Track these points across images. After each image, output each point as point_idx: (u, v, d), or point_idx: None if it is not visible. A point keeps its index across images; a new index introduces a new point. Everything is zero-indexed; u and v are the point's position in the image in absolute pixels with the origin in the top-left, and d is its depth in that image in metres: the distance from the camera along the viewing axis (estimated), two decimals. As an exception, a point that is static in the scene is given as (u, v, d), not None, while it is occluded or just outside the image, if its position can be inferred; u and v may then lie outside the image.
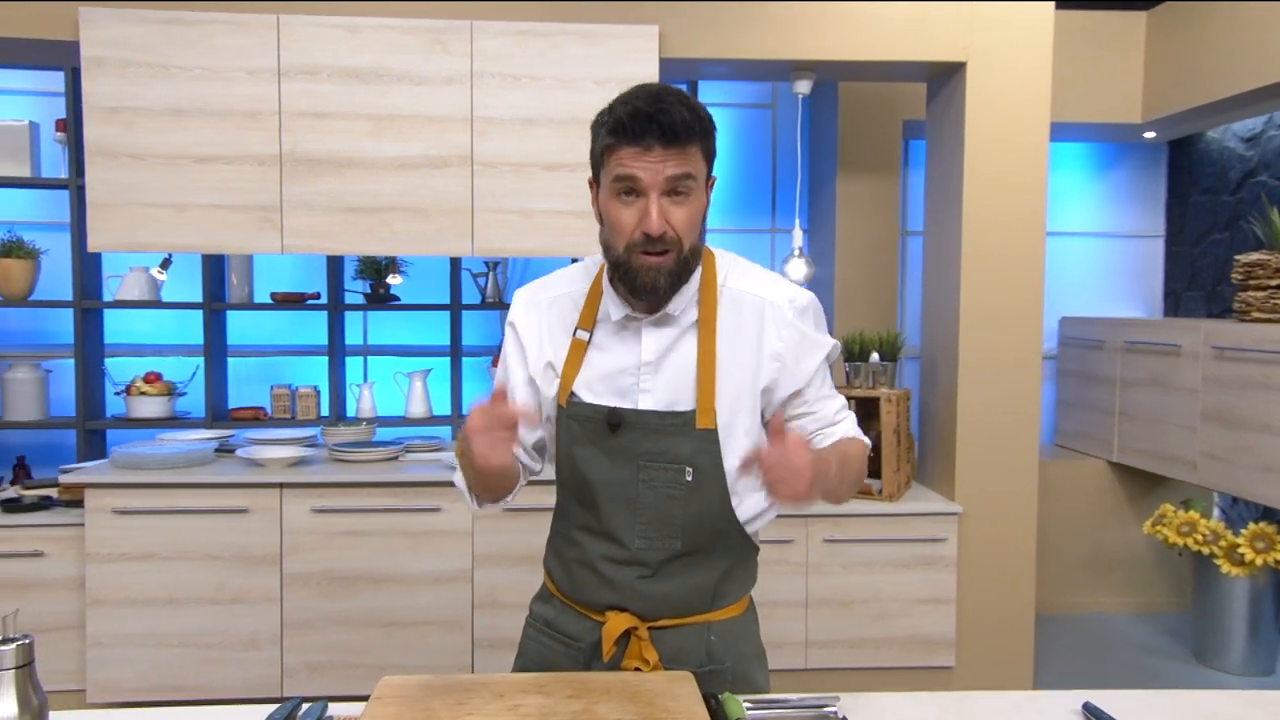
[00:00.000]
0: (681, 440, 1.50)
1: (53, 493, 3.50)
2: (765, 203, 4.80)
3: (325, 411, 4.39)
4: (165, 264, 4.07)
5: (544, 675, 1.53)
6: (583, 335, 1.56)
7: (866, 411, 3.78)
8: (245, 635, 3.31)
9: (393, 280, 4.28)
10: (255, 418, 4.36)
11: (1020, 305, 3.55)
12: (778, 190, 4.82)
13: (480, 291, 4.44)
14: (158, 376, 4.33)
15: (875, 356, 3.73)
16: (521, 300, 1.64)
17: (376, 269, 4.36)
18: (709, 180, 1.51)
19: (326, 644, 3.34)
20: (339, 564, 3.33)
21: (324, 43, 3.32)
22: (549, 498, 2.74)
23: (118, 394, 4.32)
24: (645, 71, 3.39)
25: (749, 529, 1.59)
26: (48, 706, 1.21)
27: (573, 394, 1.54)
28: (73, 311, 4.23)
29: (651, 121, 1.39)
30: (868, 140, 4.45)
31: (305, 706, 1.48)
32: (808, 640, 3.54)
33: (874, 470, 3.77)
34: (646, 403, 1.52)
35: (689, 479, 1.50)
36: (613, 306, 1.54)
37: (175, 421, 4.28)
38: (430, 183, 3.37)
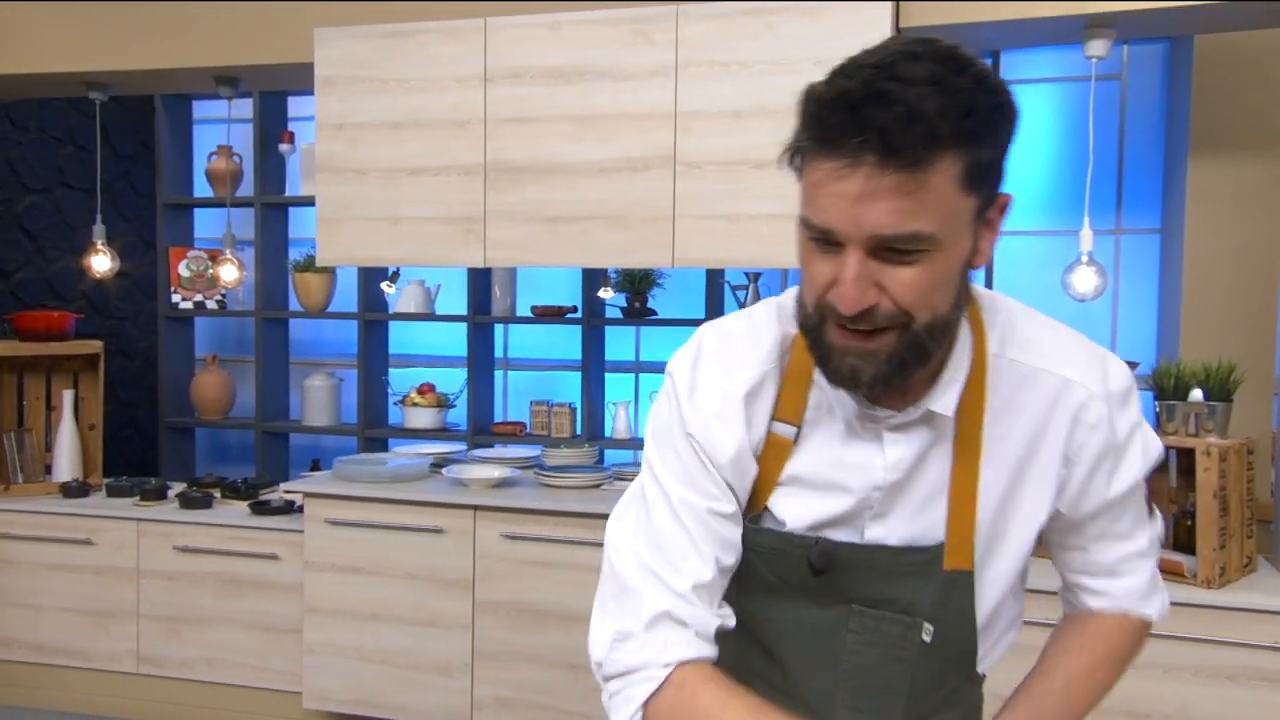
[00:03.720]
0: (920, 585, 1.10)
1: (297, 498, 3.72)
2: (1109, 197, 3.95)
3: (580, 430, 4.33)
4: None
5: None
6: (784, 431, 1.11)
7: (1185, 466, 2.95)
8: (439, 660, 3.30)
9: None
10: (513, 433, 4.41)
11: None
12: (1124, 181, 3.97)
13: (740, 305, 4.13)
14: (430, 388, 4.52)
15: (1197, 394, 2.90)
16: (699, 385, 1.12)
17: (633, 281, 4.22)
18: (989, 207, 0.99)
19: (516, 680, 3.24)
20: (529, 595, 3.22)
21: (527, 43, 3.25)
22: None
23: (396, 403, 4.57)
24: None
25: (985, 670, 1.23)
26: None
27: (767, 510, 1.12)
28: (357, 323, 4.54)
29: (858, 118, 0.89)
30: (1234, 111, 3.52)
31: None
32: (1082, 757, 2.81)
33: (1186, 544, 2.93)
34: (877, 533, 1.11)
35: (927, 639, 1.10)
36: (835, 399, 1.08)
37: (443, 433, 4.44)
38: (631, 187, 3.17)
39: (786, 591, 1.13)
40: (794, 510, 1.11)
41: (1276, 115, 3.41)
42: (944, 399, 1.06)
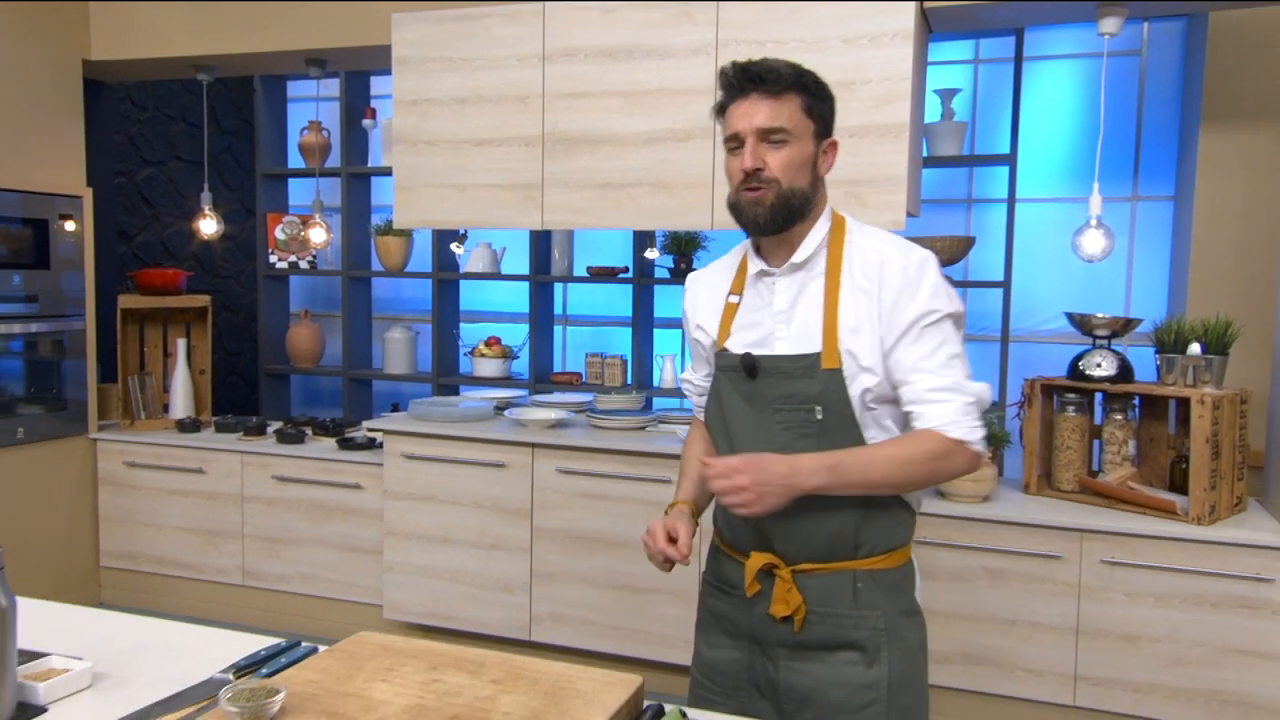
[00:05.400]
0: (809, 381, 1.55)
1: (379, 435, 3.90)
2: (1128, 166, 3.92)
3: (630, 379, 4.44)
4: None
5: (490, 655, 1.43)
6: (733, 299, 1.67)
7: (1182, 415, 2.98)
8: (501, 579, 3.45)
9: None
10: (570, 382, 4.53)
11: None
12: (1141, 150, 3.94)
13: (777, 267, 4.19)
14: (497, 341, 4.66)
15: (1196, 348, 2.91)
16: (690, 280, 1.80)
17: (679, 244, 4.30)
18: (823, 139, 1.59)
19: (568, 597, 3.38)
20: (581, 523, 3.35)
21: (581, 25, 3.32)
22: None
23: (466, 354, 4.73)
24: (899, 24, 2.95)
25: None
26: (15, 608, 1.29)
27: (723, 349, 1.65)
28: (431, 282, 4.69)
29: (747, 73, 1.53)
30: (1241, 85, 3.47)
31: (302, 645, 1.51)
32: (1077, 675, 2.90)
33: (1181, 485, 2.96)
34: (781, 348, 1.59)
35: (819, 417, 1.54)
36: (752, 262, 1.64)
37: (508, 381, 4.58)
38: (673, 156, 3.23)
39: (738, 400, 1.61)
40: (736, 341, 1.64)
41: (1286, 89, 3.37)
42: (801, 254, 1.58)
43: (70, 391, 3.90)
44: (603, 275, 4.44)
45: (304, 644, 1.52)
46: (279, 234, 4.94)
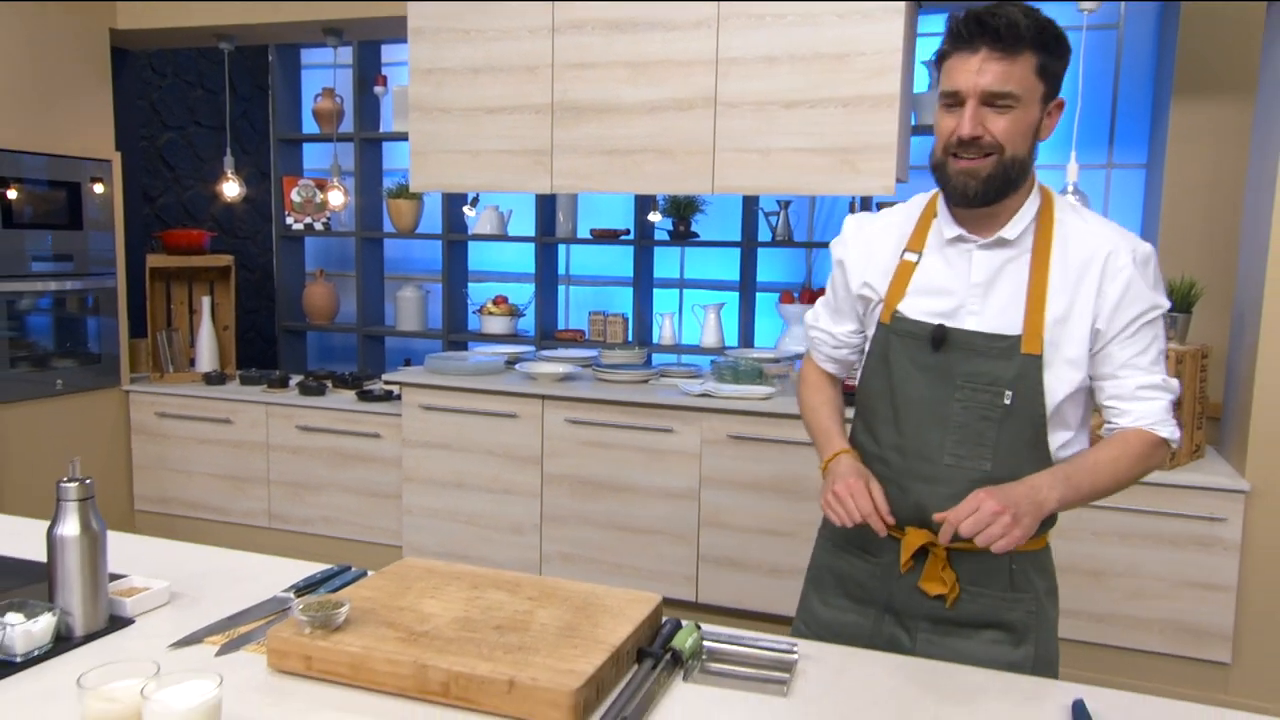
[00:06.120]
0: (1004, 364, 1.41)
1: (395, 388, 4.00)
2: (1103, 136, 4.01)
3: (631, 336, 4.54)
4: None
5: (524, 577, 1.53)
6: (911, 257, 1.50)
7: (1148, 368, 3.11)
8: (513, 521, 3.57)
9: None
10: (574, 339, 4.63)
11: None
12: (1117, 121, 4.03)
13: (771, 230, 4.28)
14: (504, 299, 4.75)
15: (1162, 306, 3.02)
16: (850, 225, 1.61)
17: (679, 207, 4.38)
18: (1050, 100, 1.41)
19: (576, 538, 3.51)
20: (587, 470, 3.46)
21: (589, -2, 3.35)
22: (775, 430, 2.60)
23: (475, 312, 4.82)
24: (890, -2, 3.00)
25: (1057, 456, 1.47)
26: (105, 532, 1.39)
27: (897, 311, 1.48)
28: (441, 243, 4.76)
29: (981, 24, 1.33)
30: (1211, 61, 3.55)
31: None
32: (1046, 608, 3.03)
33: (1145, 434, 3.09)
34: (972, 324, 1.43)
35: (1007, 402, 1.40)
36: (945, 226, 1.48)
37: (514, 338, 4.68)
38: (676, 124, 3.30)
39: (914, 371, 1.46)
40: (915, 306, 1.47)
41: (1251, 64, 3.45)
42: (1012, 230, 1.42)
43: (101, 346, 3.99)
44: (605, 237, 4.52)
45: (354, 569, 1.64)
46: (295, 196, 4.99)
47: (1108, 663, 3.02)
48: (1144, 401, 1.40)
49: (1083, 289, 1.39)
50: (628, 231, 4.51)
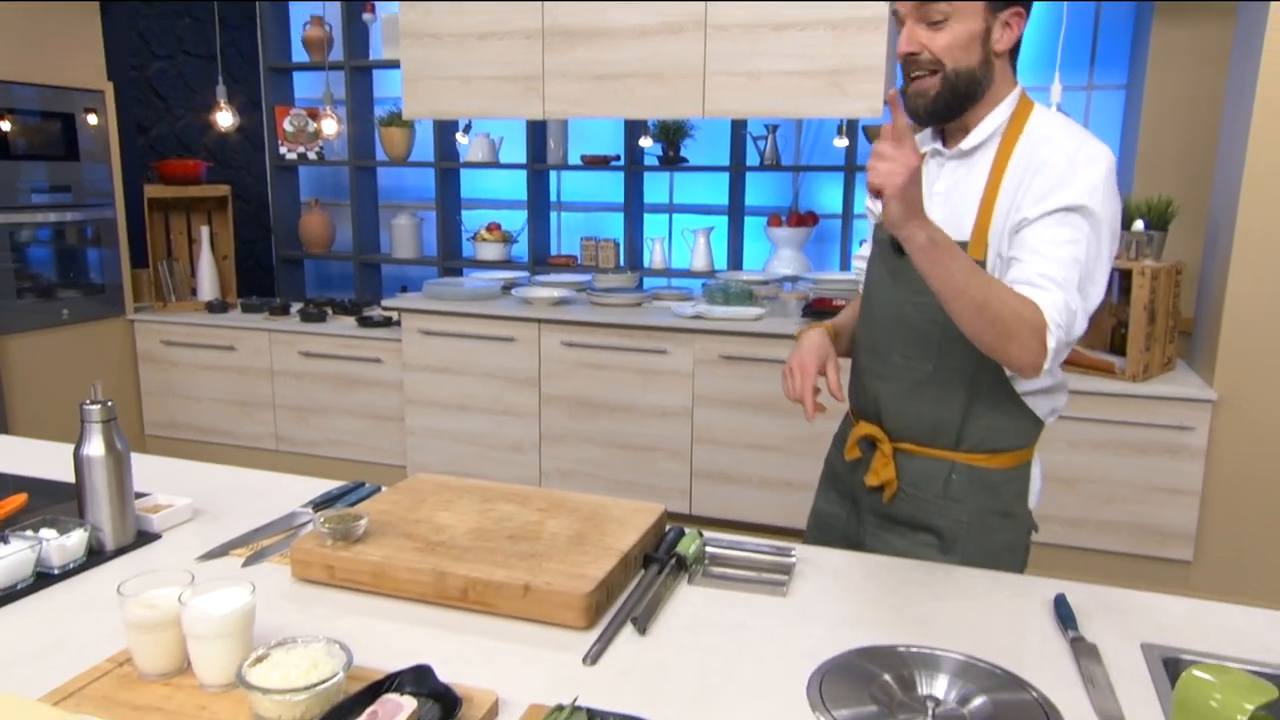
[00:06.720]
0: None
1: (394, 314, 3.99)
2: (1085, 58, 3.95)
3: (622, 261, 4.52)
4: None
5: (533, 490, 1.57)
6: None
7: (1124, 286, 3.12)
8: (513, 441, 3.61)
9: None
10: (566, 264, 4.61)
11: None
12: (1099, 42, 3.96)
13: (760, 154, 4.24)
14: (497, 226, 4.71)
15: (1139, 224, 3.03)
16: None
17: (668, 132, 4.31)
18: (1005, 9, 1.35)
19: (574, 456, 3.55)
20: (584, 390, 3.49)
21: (577, -80, 3.24)
22: (765, 350, 2.73)
23: (468, 239, 4.78)
24: (879, -83, 2.91)
25: (1020, 388, 1.43)
26: (129, 451, 1.40)
27: (879, 223, 1.53)
28: (434, 171, 4.69)
29: None
30: (1195, -22, 3.48)
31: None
32: (1021, 514, 3.10)
33: (1120, 348, 3.13)
34: None
35: None
36: (923, 141, 1.50)
37: (508, 264, 4.65)
38: (666, 48, 3.24)
39: (884, 276, 1.49)
40: None
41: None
42: (969, 142, 1.41)
43: (104, 277, 3.94)
44: (596, 163, 4.46)
45: (367, 484, 1.66)
46: (287, 126, 4.89)
47: (1078, 564, 3.11)
48: (1041, 290, 1.26)
49: (1023, 188, 1.33)
50: (618, 157, 4.45)
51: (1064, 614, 1.17)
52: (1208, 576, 3.00)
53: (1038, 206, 1.30)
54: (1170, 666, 1.07)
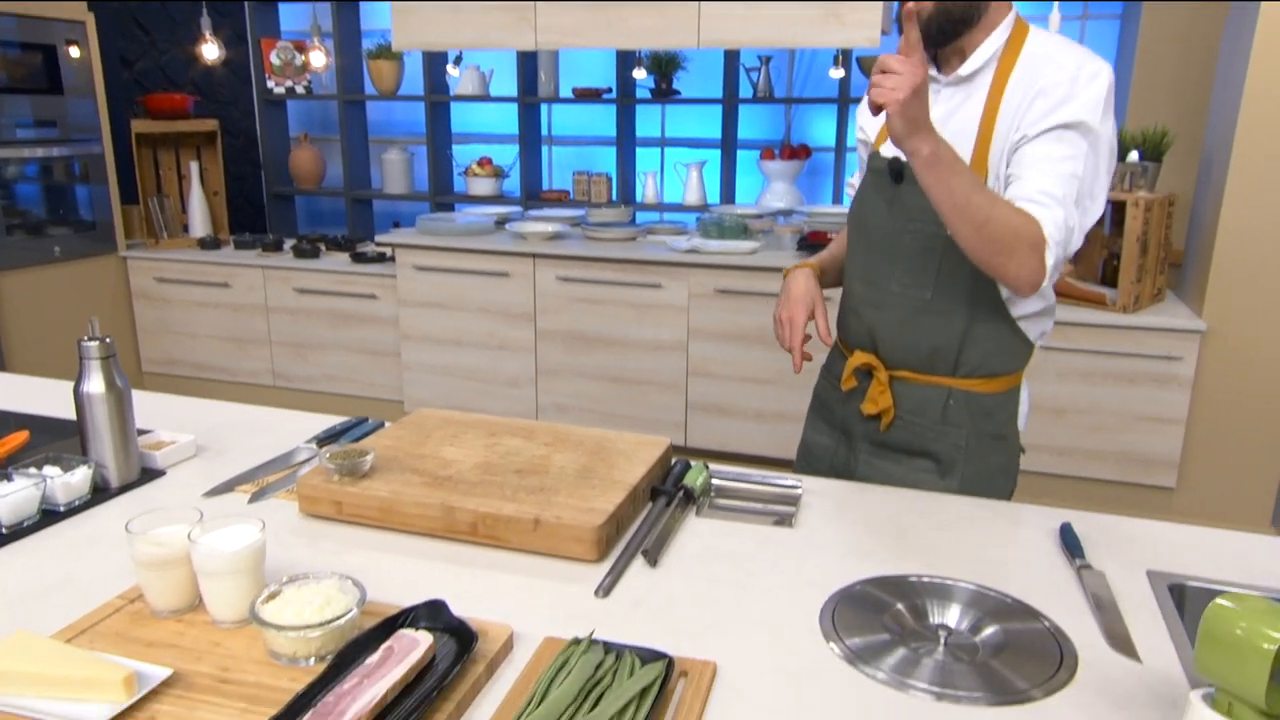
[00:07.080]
0: None
1: (388, 250, 3.92)
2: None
3: (615, 195, 4.44)
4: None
5: (538, 424, 1.54)
6: None
7: (1117, 218, 3.08)
8: (510, 375, 3.58)
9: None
10: (559, 199, 4.53)
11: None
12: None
13: (753, 86, 4.13)
14: (489, 161, 4.61)
15: (1134, 155, 2.97)
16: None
17: (660, 64, 4.20)
18: None
19: (570, 390, 3.52)
20: (579, 324, 3.45)
21: None
22: (759, 283, 2.80)
23: (460, 174, 4.68)
24: None
25: (1015, 311, 1.43)
26: (130, 388, 1.36)
27: (876, 152, 1.49)
28: (424, 104, 4.57)
29: None
30: (1197, -99, 3.36)
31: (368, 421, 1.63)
32: (1010, 444, 3.11)
33: (1111, 279, 3.10)
34: None
35: (949, 233, 1.29)
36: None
37: (500, 199, 4.56)
38: (660, -24, 3.10)
39: (879, 204, 1.45)
40: (891, 145, 1.42)
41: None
42: (968, 67, 1.37)
43: (95, 213, 3.84)
44: (587, 96, 4.35)
45: (370, 420, 1.63)
46: (274, 59, 4.74)
47: (1065, 491, 3.13)
48: (1040, 206, 1.25)
49: (1024, 109, 1.31)
50: (610, 90, 4.34)
51: (1070, 542, 1.16)
52: (1190, 502, 3.03)
53: (1038, 124, 1.28)
54: (1176, 593, 1.06)
